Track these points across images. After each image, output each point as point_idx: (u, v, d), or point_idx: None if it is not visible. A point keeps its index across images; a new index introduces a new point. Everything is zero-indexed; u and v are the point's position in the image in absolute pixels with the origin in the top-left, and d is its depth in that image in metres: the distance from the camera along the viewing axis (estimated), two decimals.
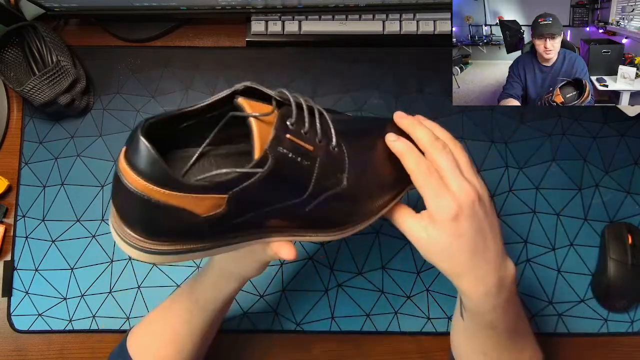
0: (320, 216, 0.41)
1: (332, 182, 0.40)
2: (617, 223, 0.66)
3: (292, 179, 0.38)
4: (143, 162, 0.33)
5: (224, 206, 0.36)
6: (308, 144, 0.38)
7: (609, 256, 0.63)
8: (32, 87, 0.63)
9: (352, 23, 0.70)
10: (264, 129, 0.37)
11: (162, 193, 0.34)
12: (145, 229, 0.36)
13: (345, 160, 0.41)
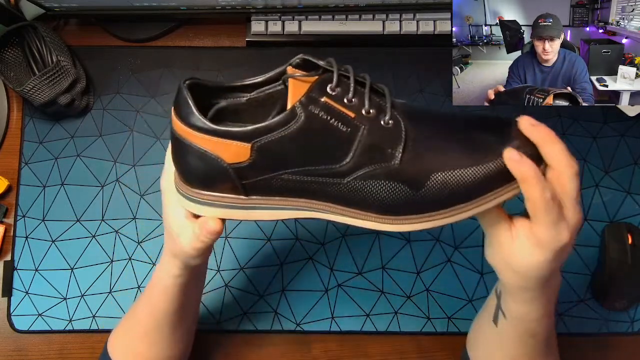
0: (364, 193, 0.38)
1: (380, 155, 0.37)
2: (617, 223, 0.66)
3: (326, 142, 0.37)
4: (179, 106, 0.38)
5: (249, 156, 0.37)
6: (349, 110, 0.37)
7: (608, 256, 0.63)
8: (32, 87, 0.63)
9: (352, 23, 0.70)
10: (300, 90, 0.37)
11: (190, 134, 0.38)
12: (183, 172, 0.40)
13: (401, 137, 0.37)
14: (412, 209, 0.38)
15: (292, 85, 0.37)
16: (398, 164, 0.37)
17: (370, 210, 0.39)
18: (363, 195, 0.38)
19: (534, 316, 0.45)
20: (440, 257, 0.66)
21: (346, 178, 0.38)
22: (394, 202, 0.38)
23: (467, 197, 0.38)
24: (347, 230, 0.66)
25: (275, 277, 0.66)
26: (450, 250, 0.66)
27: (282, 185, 0.39)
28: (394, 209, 0.39)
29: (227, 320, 0.65)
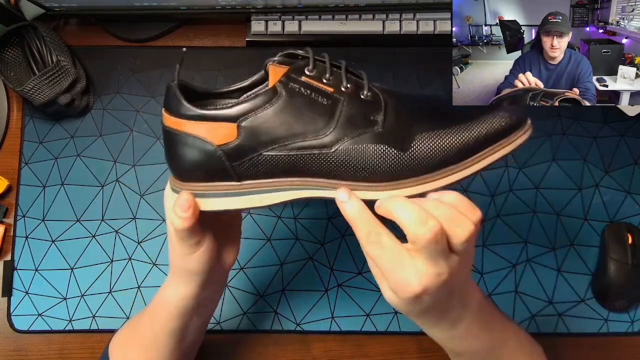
0: (352, 161, 0.39)
1: (363, 122, 0.39)
2: (617, 223, 0.66)
3: (309, 114, 0.39)
4: (168, 101, 0.40)
5: (236, 135, 0.39)
6: (328, 87, 0.39)
7: (609, 256, 0.63)
8: (32, 87, 0.63)
9: (352, 23, 0.70)
10: (279, 73, 0.39)
11: (179, 123, 0.40)
12: (176, 166, 0.42)
13: (381, 105, 0.40)
14: (402, 172, 0.39)
15: (271, 70, 0.39)
16: (381, 129, 0.39)
17: (361, 180, 0.40)
18: (352, 163, 0.39)
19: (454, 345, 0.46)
20: None
21: (333, 147, 0.39)
22: (383, 167, 0.39)
23: (457, 157, 0.39)
24: (347, 230, 0.66)
25: (275, 277, 0.66)
26: None
27: (272, 165, 0.40)
28: (384, 175, 0.39)
29: (227, 320, 0.65)
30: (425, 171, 0.39)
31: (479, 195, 0.67)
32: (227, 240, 0.49)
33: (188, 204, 0.40)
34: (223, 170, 0.40)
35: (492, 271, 0.66)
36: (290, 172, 0.40)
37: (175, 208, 0.41)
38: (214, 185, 0.41)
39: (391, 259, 0.38)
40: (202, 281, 0.46)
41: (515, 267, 0.66)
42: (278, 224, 0.67)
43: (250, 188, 0.41)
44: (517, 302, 0.65)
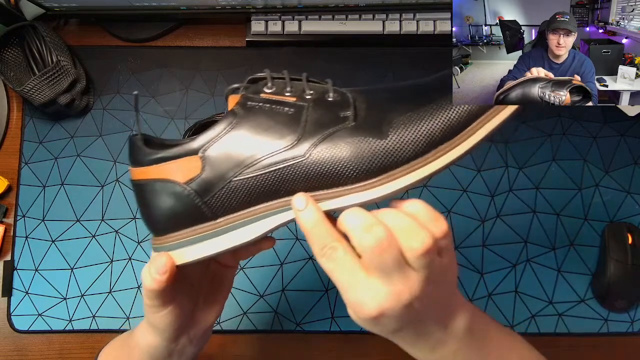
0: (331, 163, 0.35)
1: (333, 121, 0.36)
2: (618, 223, 0.66)
3: (272, 127, 0.36)
4: (130, 152, 0.39)
5: (200, 168, 0.36)
6: (289, 97, 0.37)
7: (609, 256, 0.63)
8: (32, 87, 0.63)
9: (352, 23, 0.70)
10: (237, 98, 0.38)
11: (144, 172, 0.38)
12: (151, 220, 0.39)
13: (350, 102, 0.36)
14: (389, 163, 0.35)
15: (230, 99, 0.38)
16: (353, 123, 0.36)
17: (348, 182, 0.35)
18: (332, 165, 0.35)
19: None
20: None
21: (306, 153, 0.35)
22: (366, 161, 0.35)
23: (447, 133, 0.35)
24: None
25: (275, 277, 0.66)
26: None
27: (246, 192, 0.37)
28: (371, 170, 0.35)
29: (227, 320, 0.65)
30: (414, 156, 0.35)
31: (479, 195, 0.67)
32: (210, 296, 0.46)
33: (165, 268, 0.38)
34: (196, 210, 0.37)
35: (492, 271, 0.66)
36: (268, 195, 0.37)
37: (151, 268, 0.38)
38: (191, 230, 0.38)
39: (346, 276, 0.34)
40: (170, 336, 0.42)
41: (515, 267, 0.66)
42: None
43: (228, 224, 0.38)
44: (517, 302, 0.65)
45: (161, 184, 0.37)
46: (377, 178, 0.35)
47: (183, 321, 0.42)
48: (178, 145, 0.37)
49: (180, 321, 0.42)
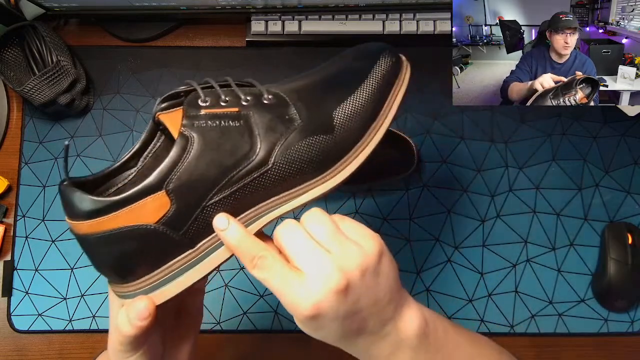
0: (294, 164, 0.37)
1: (282, 125, 0.37)
2: (617, 223, 0.66)
3: (230, 143, 0.36)
4: (70, 208, 0.35)
5: (170, 203, 0.35)
6: (230, 108, 0.37)
7: (609, 256, 0.63)
8: (32, 87, 0.63)
9: (352, 23, 0.70)
10: (177, 119, 0.36)
11: (98, 224, 0.35)
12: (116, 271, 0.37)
13: (287, 102, 0.38)
14: (339, 152, 0.39)
15: (166, 120, 0.37)
16: (300, 122, 0.38)
17: (310, 178, 0.38)
18: (294, 167, 0.37)
19: None
20: (440, 257, 0.66)
21: (269, 161, 0.37)
22: (322, 156, 0.38)
23: (373, 114, 0.40)
24: None
25: None
26: (450, 250, 0.66)
27: (214, 210, 0.36)
28: (326, 163, 0.38)
29: (227, 320, 0.65)
30: (355, 141, 0.39)
31: (478, 195, 0.67)
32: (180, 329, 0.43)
33: (147, 312, 0.35)
34: (172, 245, 0.36)
35: (492, 271, 0.66)
36: (241, 209, 0.37)
37: (130, 313, 0.36)
38: (169, 265, 0.36)
39: (278, 280, 0.35)
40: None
41: (515, 267, 0.66)
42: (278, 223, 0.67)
43: (207, 248, 0.37)
44: (517, 302, 0.65)
45: (122, 231, 0.35)
46: (332, 168, 0.39)
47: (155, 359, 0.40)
48: (133, 185, 0.35)
49: None
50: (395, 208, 0.67)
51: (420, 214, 0.67)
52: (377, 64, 0.41)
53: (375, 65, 0.41)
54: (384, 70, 0.41)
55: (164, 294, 0.37)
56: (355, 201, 0.67)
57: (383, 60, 0.41)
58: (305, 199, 0.39)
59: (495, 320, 0.65)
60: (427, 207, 0.67)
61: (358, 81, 0.40)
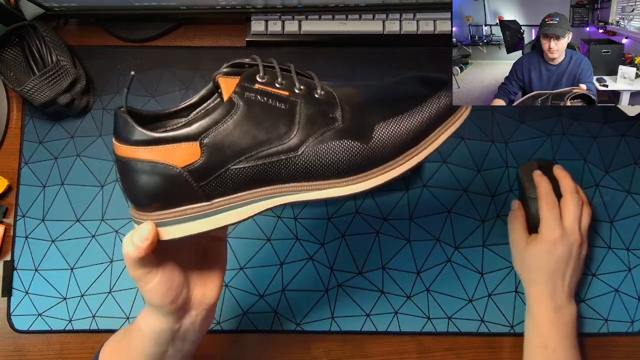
0: (321, 160, 0.39)
1: (323, 121, 0.39)
2: (529, 162, 0.66)
3: (270, 121, 0.38)
4: (119, 130, 0.38)
5: (200, 154, 0.38)
6: (282, 91, 0.39)
7: (528, 196, 0.64)
8: (32, 87, 0.63)
9: (352, 23, 0.70)
10: (232, 85, 0.39)
11: (136, 151, 0.38)
12: (138, 198, 0.40)
13: (337, 102, 0.40)
14: (368, 164, 0.40)
15: (223, 83, 0.39)
16: (341, 124, 0.39)
17: (331, 177, 0.40)
18: (320, 162, 0.39)
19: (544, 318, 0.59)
20: (440, 257, 0.66)
21: (299, 150, 0.39)
22: (350, 161, 0.39)
23: (414, 141, 0.40)
24: (347, 230, 0.66)
25: (275, 277, 0.66)
26: (450, 250, 0.66)
27: (241, 178, 0.39)
28: (352, 169, 0.40)
29: (227, 320, 0.65)
30: (388, 159, 0.40)
31: (479, 195, 0.67)
32: (205, 271, 0.46)
33: (149, 234, 0.39)
34: (190, 193, 0.39)
35: (492, 271, 0.66)
36: (261, 183, 0.39)
37: (134, 236, 0.39)
38: (182, 210, 0.39)
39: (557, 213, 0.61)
40: (169, 312, 0.43)
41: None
42: (278, 224, 0.67)
43: (221, 206, 0.40)
44: (517, 302, 0.65)
45: (154, 165, 0.38)
46: (356, 176, 0.40)
47: (178, 294, 0.42)
48: (175, 130, 0.38)
49: (174, 294, 0.42)
50: (395, 208, 0.67)
51: (420, 214, 0.67)
52: (436, 95, 0.41)
53: (434, 96, 0.41)
54: (441, 102, 0.41)
55: (168, 233, 0.40)
56: (355, 201, 0.67)
57: (444, 93, 0.41)
58: (321, 195, 0.40)
59: (495, 320, 0.65)
60: (427, 207, 0.67)
61: (412, 105, 0.41)
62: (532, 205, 0.63)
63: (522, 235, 0.63)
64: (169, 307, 0.42)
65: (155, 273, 0.41)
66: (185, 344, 0.47)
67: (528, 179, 0.65)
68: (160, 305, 0.42)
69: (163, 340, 0.45)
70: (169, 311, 0.43)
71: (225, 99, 0.39)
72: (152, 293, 0.42)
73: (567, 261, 0.59)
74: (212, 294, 0.46)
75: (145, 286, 0.41)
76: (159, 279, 0.41)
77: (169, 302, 0.42)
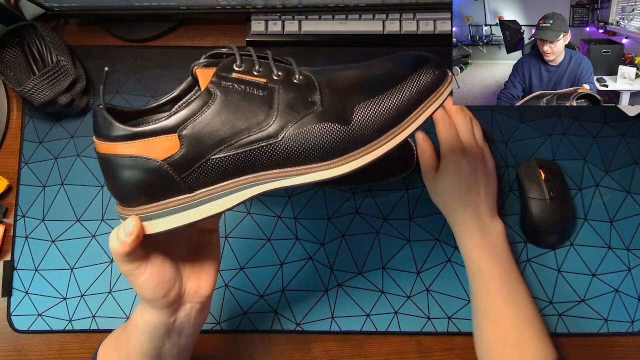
0: (302, 145, 0.39)
1: (302, 106, 0.39)
2: (529, 162, 0.66)
3: (248, 108, 0.39)
4: (98, 127, 0.39)
5: (179, 146, 0.38)
6: (260, 78, 0.39)
7: (528, 197, 0.64)
8: (32, 87, 0.63)
9: (352, 23, 0.70)
10: (209, 75, 0.39)
11: (115, 147, 0.38)
12: (121, 193, 0.40)
13: (316, 86, 0.40)
14: (349, 146, 0.40)
15: (200, 74, 0.39)
16: (320, 108, 0.39)
17: (314, 161, 0.40)
18: (301, 147, 0.39)
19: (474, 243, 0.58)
20: (440, 257, 0.66)
21: (279, 135, 0.39)
22: (331, 144, 0.39)
23: (395, 120, 0.40)
24: (347, 230, 0.66)
25: (275, 277, 0.66)
26: (450, 250, 0.66)
27: (223, 168, 0.39)
28: (335, 151, 0.40)
29: (227, 320, 0.65)
30: (370, 139, 0.40)
31: None
32: (197, 264, 0.46)
33: (134, 228, 0.39)
34: (172, 185, 0.39)
35: None
36: (243, 171, 0.40)
37: (120, 231, 0.39)
38: (165, 203, 0.40)
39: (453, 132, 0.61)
40: (164, 308, 0.43)
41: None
42: (278, 224, 0.67)
43: (205, 196, 0.40)
44: None
45: (134, 160, 0.38)
46: (338, 158, 0.40)
47: (170, 288, 0.43)
48: (153, 124, 0.38)
49: (166, 287, 0.42)
50: (395, 208, 0.67)
51: (420, 214, 0.67)
52: (416, 73, 0.41)
53: (414, 74, 0.41)
54: (422, 81, 0.40)
55: (153, 226, 0.40)
56: (355, 201, 0.67)
57: (424, 71, 0.41)
58: (305, 180, 0.40)
59: None
60: (427, 207, 0.67)
61: (391, 85, 0.40)
62: (532, 205, 0.63)
63: (431, 168, 0.62)
64: (161, 301, 0.43)
65: (144, 267, 0.41)
66: (181, 338, 0.47)
67: (528, 179, 0.65)
68: (152, 299, 0.42)
69: (159, 334, 0.45)
70: (162, 305, 0.43)
71: (202, 89, 0.39)
72: (143, 288, 0.42)
73: (477, 178, 0.59)
74: (206, 287, 0.46)
75: (135, 281, 0.42)
76: (149, 274, 0.42)
77: (160, 296, 0.42)
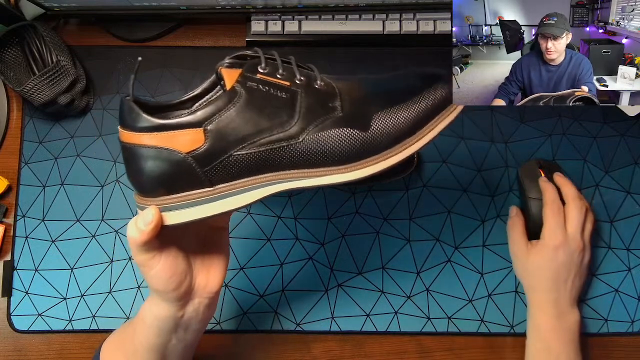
0: (321, 147, 0.41)
1: (323, 110, 0.41)
2: (528, 162, 0.66)
3: (271, 109, 0.40)
4: (124, 117, 0.40)
5: (204, 140, 0.39)
6: (283, 81, 0.41)
7: (528, 197, 0.64)
8: (32, 87, 0.63)
9: (352, 23, 0.70)
10: (234, 76, 0.40)
11: (140, 137, 0.39)
12: (142, 183, 0.41)
13: (336, 92, 0.42)
14: (366, 152, 0.41)
15: (225, 74, 0.40)
16: (341, 113, 0.41)
17: (330, 164, 0.41)
18: (320, 149, 0.40)
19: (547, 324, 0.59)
20: (440, 257, 0.66)
21: (300, 137, 0.40)
22: (350, 149, 0.41)
23: (410, 131, 0.42)
24: (347, 230, 0.66)
25: (275, 277, 0.66)
26: (450, 250, 0.66)
27: (244, 165, 0.40)
28: (352, 156, 0.41)
29: (227, 320, 0.65)
30: (386, 147, 0.41)
31: (479, 195, 0.67)
32: (207, 260, 0.47)
33: (153, 218, 0.40)
34: (194, 178, 0.40)
35: (492, 271, 0.66)
36: (263, 169, 0.41)
37: (138, 220, 0.40)
38: (185, 195, 0.40)
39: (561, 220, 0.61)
40: (174, 301, 0.44)
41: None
42: (278, 224, 0.67)
43: (224, 191, 0.41)
44: (517, 302, 0.65)
45: (159, 150, 0.39)
46: (354, 163, 0.41)
47: (181, 281, 0.43)
48: (179, 117, 0.39)
49: (178, 280, 0.43)
50: (395, 208, 0.67)
51: (420, 214, 0.67)
52: (432, 88, 0.42)
53: (430, 89, 0.42)
54: (437, 96, 0.42)
55: (171, 217, 0.41)
56: (356, 201, 0.67)
57: (439, 87, 0.43)
58: (322, 182, 0.41)
59: (495, 320, 0.65)
60: (427, 207, 0.67)
61: (409, 97, 0.42)
62: (532, 205, 0.63)
63: (522, 243, 0.62)
64: (172, 294, 0.43)
65: (158, 258, 0.42)
66: (187, 333, 0.47)
67: (528, 179, 0.65)
68: (163, 291, 0.43)
69: (167, 329, 0.45)
70: (173, 297, 0.43)
71: (228, 88, 0.40)
72: (156, 279, 0.42)
73: (569, 268, 0.59)
74: (215, 282, 0.46)
75: (149, 272, 0.42)
76: (163, 265, 0.42)
77: (172, 288, 0.43)
